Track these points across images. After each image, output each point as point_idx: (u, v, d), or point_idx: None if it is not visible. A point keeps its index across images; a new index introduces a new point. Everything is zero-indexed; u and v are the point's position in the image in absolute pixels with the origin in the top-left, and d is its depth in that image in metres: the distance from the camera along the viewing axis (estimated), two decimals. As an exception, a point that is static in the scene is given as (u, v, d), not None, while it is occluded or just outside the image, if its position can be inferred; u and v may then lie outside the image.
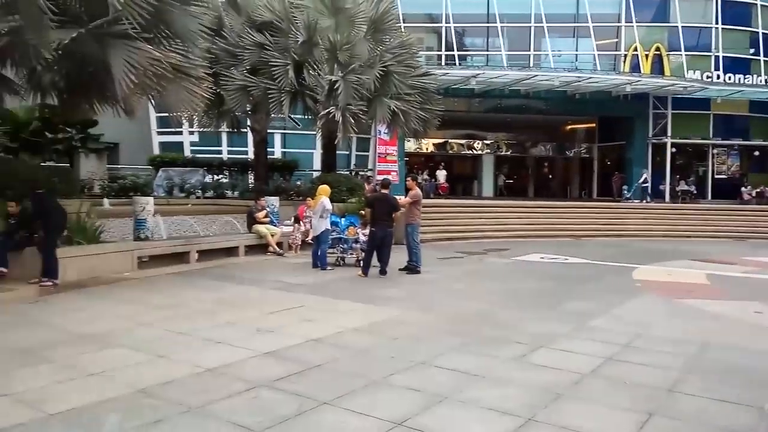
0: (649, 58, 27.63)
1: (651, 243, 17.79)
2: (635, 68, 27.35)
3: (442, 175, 27.79)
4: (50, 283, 8.27)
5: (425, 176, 27.63)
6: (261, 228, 12.81)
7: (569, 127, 33.56)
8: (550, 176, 35.96)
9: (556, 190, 34.24)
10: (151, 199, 11.46)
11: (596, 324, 6.99)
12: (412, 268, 10.67)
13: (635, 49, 27.64)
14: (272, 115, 17.33)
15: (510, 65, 26.28)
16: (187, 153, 24.17)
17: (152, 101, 12.21)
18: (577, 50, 28.78)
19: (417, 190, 11.21)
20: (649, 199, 25.69)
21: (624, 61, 27.83)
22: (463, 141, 32.67)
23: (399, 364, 5.16)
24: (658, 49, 27.79)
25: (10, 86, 11.92)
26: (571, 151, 34.33)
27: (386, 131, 20.45)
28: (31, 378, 4.67)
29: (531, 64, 27.38)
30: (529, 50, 28.15)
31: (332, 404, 4.21)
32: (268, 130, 18.85)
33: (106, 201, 15.02)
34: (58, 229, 8.71)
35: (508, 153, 33.82)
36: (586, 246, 16.56)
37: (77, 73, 10.76)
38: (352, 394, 4.42)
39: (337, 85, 15.07)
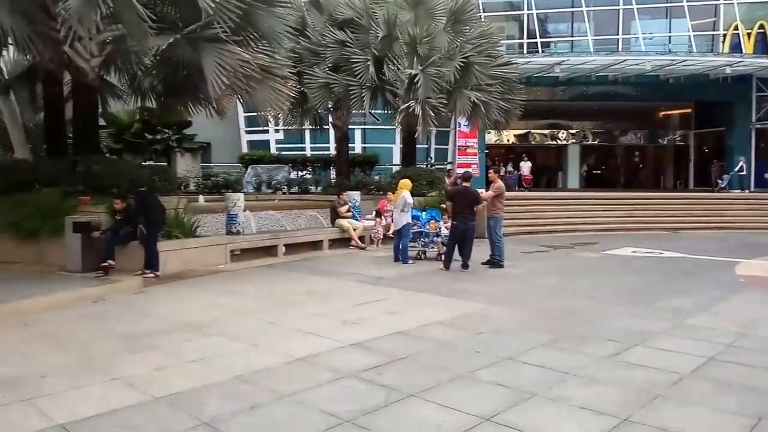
0: (752, 37, 25.57)
1: (755, 236, 16.48)
2: (736, 48, 25.40)
3: (526, 166, 27.10)
4: (152, 275, 8.87)
5: (509, 168, 27.06)
6: (344, 222, 13.06)
7: (662, 113, 31.72)
8: (642, 166, 34.17)
9: (648, 180, 32.49)
10: (241, 195, 11.94)
11: (696, 322, 6.59)
12: (495, 262, 10.51)
13: (736, 28, 25.68)
14: (353, 111, 17.60)
15: (597, 50, 25.14)
16: (273, 150, 25.03)
17: (241, 101, 12.78)
18: (670, 32, 27.11)
19: (500, 183, 11.00)
20: (750, 189, 23.81)
21: (723, 42, 25.93)
22: (546, 131, 31.70)
23: (485, 359, 5.11)
24: (761, 26, 25.64)
25: (114, 91, 12.90)
26: (664, 138, 32.46)
27: (466, 123, 20.21)
28: (138, 363, 5.03)
29: (620, 49, 26.06)
30: (618, 34, 26.82)
31: (419, 396, 4.24)
32: (349, 126, 19.17)
33: (201, 197, 15.81)
34: (159, 224, 9.30)
35: (595, 142, 32.45)
36: (683, 239, 15.62)
37: (173, 77, 11.46)
38: (438, 388, 4.42)
39: (416, 79, 15.07)
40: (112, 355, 5.30)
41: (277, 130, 25.39)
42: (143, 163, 17.63)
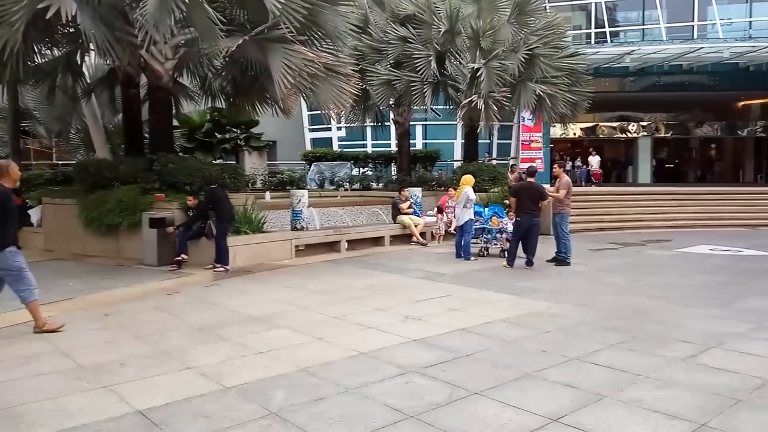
0: (844, 19, 23.72)
1: None
2: (826, 32, 23.65)
3: (595, 161, 26.27)
4: (222, 269, 9.21)
5: (578, 163, 26.25)
6: (405, 218, 13.08)
7: (741, 103, 29.90)
8: (718, 159, 32.38)
9: (725, 174, 30.75)
10: (306, 192, 12.19)
11: (780, 324, 6.20)
12: (560, 259, 10.24)
13: (826, 10, 23.90)
14: (414, 107, 17.57)
15: (670, 39, 24.01)
16: (336, 148, 25.38)
17: (306, 100, 13.01)
18: (750, 17, 25.51)
19: (566, 178, 10.69)
20: None
21: (811, 25, 24.18)
22: (615, 124, 30.55)
23: (551, 359, 5.00)
24: None
25: (186, 92, 13.43)
26: (744, 130, 30.61)
27: (530, 117, 19.78)
28: (210, 354, 5.23)
29: (695, 36, 24.79)
30: (693, 20, 25.49)
31: (484, 395, 4.20)
32: (410, 122, 19.15)
33: (267, 194, 16.24)
34: (229, 220, 9.63)
35: (668, 135, 30.99)
36: (764, 237, 14.69)
37: (241, 78, 11.82)
38: (504, 386, 4.37)
39: (479, 73, 14.86)
40: (185, 345, 5.54)
41: (339, 128, 25.73)
42: (214, 162, 18.27)
